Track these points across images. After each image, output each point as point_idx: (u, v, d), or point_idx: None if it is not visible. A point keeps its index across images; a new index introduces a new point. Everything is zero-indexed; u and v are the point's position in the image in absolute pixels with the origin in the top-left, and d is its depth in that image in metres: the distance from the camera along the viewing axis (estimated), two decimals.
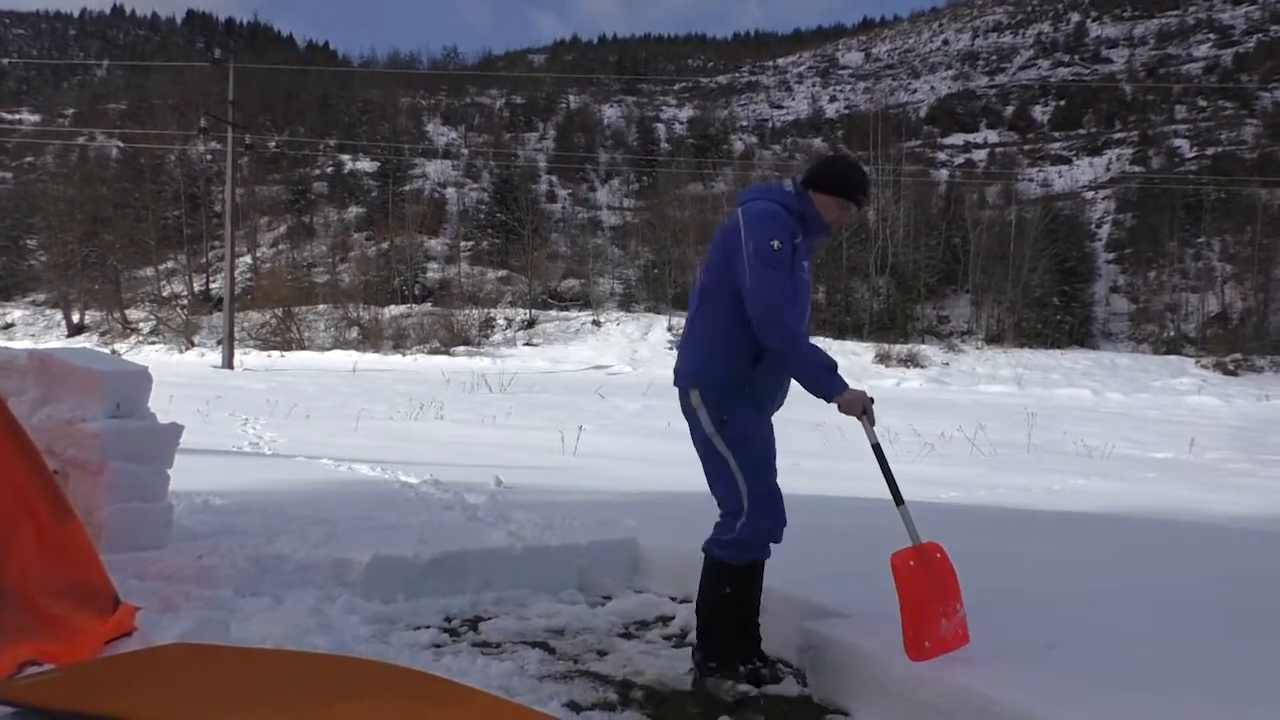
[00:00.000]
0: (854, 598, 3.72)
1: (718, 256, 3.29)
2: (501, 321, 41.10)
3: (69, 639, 3.16)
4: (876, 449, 3.21)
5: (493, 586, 4.45)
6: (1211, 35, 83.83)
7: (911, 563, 3.01)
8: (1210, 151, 59.50)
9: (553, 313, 42.43)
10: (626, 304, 44.43)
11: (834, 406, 3.20)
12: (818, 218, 3.30)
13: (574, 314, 42.23)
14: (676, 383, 3.35)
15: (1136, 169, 59.64)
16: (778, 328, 3.12)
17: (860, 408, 3.17)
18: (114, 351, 32.06)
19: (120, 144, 58.32)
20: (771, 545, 3.34)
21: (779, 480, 3.35)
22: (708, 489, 3.40)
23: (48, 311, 46.50)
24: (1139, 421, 20.18)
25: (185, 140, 50.64)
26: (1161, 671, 2.99)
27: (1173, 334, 42.70)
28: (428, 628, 3.92)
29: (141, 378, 4.55)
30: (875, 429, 3.22)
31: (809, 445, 10.84)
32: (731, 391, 3.22)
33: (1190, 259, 46.48)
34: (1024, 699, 2.65)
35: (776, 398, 3.36)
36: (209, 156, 52.21)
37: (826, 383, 3.14)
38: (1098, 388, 31.88)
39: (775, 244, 3.14)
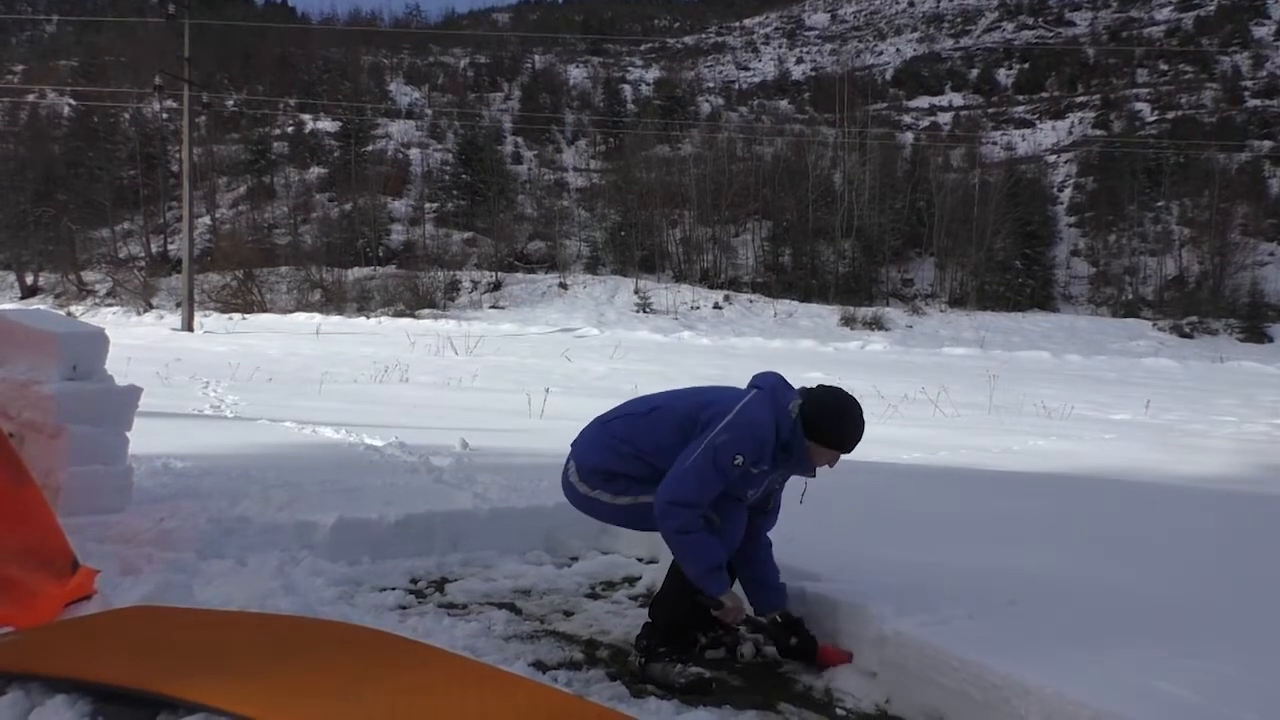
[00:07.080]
0: (826, 562, 3.77)
1: (691, 408, 3.19)
2: (467, 284, 40.76)
3: (27, 602, 3.12)
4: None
5: (459, 548, 4.45)
6: None
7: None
8: (1170, 115, 60.02)
9: (519, 275, 42.11)
10: (593, 266, 44.22)
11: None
12: (804, 460, 3.17)
13: (540, 276, 41.96)
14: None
15: (1098, 133, 60.04)
16: (673, 518, 3.03)
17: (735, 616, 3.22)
18: (69, 314, 31.44)
19: (72, 102, 56.69)
20: None
21: None
22: None
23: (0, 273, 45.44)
24: (1097, 383, 20.47)
25: (140, 98, 49.32)
26: (1120, 624, 3.05)
27: (1131, 297, 43.30)
28: (393, 589, 3.91)
29: (98, 339, 4.47)
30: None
31: None
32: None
33: (1149, 223, 47.00)
34: (986, 655, 2.69)
35: None
36: (165, 115, 51.00)
37: (705, 582, 3.09)
38: (1057, 350, 32.28)
39: (737, 460, 3.04)
